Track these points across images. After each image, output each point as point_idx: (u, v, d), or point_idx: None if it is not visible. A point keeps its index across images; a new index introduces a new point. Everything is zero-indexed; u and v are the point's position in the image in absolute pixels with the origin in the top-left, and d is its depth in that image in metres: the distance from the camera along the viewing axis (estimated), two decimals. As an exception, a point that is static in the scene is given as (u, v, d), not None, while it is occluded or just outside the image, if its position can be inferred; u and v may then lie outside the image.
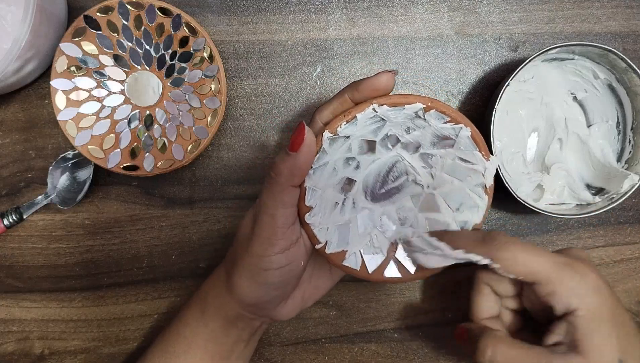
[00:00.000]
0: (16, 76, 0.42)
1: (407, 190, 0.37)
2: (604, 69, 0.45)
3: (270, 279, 0.35)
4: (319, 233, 0.35)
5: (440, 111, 0.33)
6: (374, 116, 0.33)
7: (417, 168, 0.36)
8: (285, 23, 0.47)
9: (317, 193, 0.34)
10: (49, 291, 0.47)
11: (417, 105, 0.32)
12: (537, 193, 0.46)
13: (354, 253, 0.36)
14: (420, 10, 0.48)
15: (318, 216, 0.35)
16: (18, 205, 0.46)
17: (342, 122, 0.32)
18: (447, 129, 0.34)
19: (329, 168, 0.34)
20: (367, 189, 0.36)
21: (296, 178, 0.33)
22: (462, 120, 0.33)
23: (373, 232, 0.37)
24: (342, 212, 0.36)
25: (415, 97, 0.32)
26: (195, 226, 0.47)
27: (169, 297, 0.48)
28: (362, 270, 0.36)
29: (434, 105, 0.32)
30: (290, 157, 0.32)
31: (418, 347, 0.48)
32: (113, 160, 0.44)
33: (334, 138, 0.33)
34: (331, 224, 0.36)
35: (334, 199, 0.35)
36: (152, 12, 0.44)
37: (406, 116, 0.33)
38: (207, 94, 0.45)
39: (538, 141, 0.47)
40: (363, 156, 0.35)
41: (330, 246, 0.36)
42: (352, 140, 0.34)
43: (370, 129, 0.34)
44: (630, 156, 0.45)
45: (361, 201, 0.36)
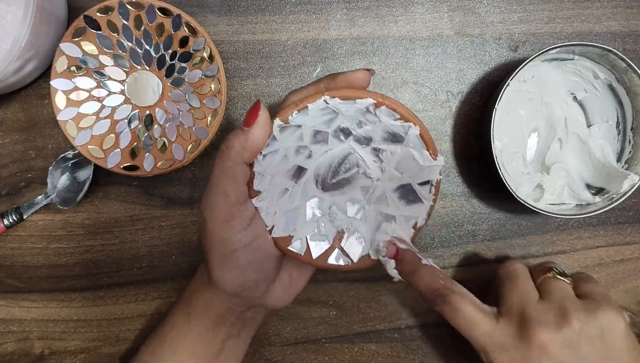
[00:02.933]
0: (16, 76, 0.42)
1: (357, 182, 0.37)
2: (604, 69, 0.45)
3: (241, 259, 0.35)
4: (266, 217, 0.36)
5: (391, 108, 0.33)
6: (326, 107, 0.33)
7: (368, 161, 0.36)
8: (285, 23, 0.47)
9: (266, 178, 0.35)
10: (49, 291, 0.47)
11: (367, 100, 0.33)
12: (537, 193, 0.46)
13: (299, 239, 0.37)
14: (420, 10, 0.48)
15: (266, 201, 0.36)
16: (18, 205, 0.46)
17: (293, 110, 0.33)
18: (396, 126, 0.34)
19: (279, 154, 0.35)
20: (319, 178, 0.37)
21: (247, 153, 0.33)
22: (412, 118, 0.34)
23: (321, 220, 0.37)
24: (291, 198, 0.36)
25: (366, 92, 0.33)
26: (195, 226, 0.47)
27: (169, 297, 0.48)
28: (306, 255, 0.37)
29: (385, 101, 0.33)
30: (243, 132, 0.32)
31: (418, 347, 0.48)
32: (113, 160, 0.44)
33: (284, 126, 0.34)
34: (279, 210, 0.36)
35: (284, 186, 0.36)
36: (152, 12, 0.44)
37: (357, 111, 0.34)
38: (207, 94, 0.45)
39: (538, 141, 0.47)
40: (315, 146, 0.35)
41: (276, 231, 0.36)
42: (304, 129, 0.34)
43: (323, 120, 0.34)
44: (630, 156, 0.45)
45: (311, 190, 0.37)
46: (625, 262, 0.49)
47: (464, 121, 0.48)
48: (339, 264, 0.38)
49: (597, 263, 0.48)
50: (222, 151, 0.33)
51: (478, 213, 0.48)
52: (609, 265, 0.48)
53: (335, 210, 0.38)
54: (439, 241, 0.48)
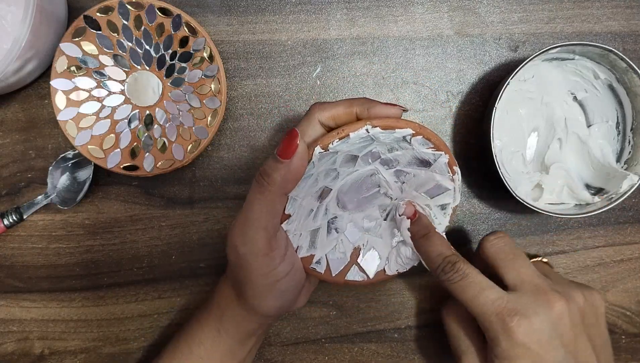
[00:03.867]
0: (16, 76, 0.42)
1: (377, 201, 0.39)
2: (604, 69, 0.45)
3: (284, 287, 0.36)
4: (293, 239, 0.37)
5: (427, 138, 0.34)
6: (366, 136, 0.34)
7: (390, 182, 0.37)
8: (285, 23, 0.47)
9: (297, 201, 0.35)
10: (49, 291, 0.47)
11: (407, 130, 0.34)
12: (536, 193, 0.46)
13: (321, 257, 0.38)
14: (420, 10, 0.48)
15: (294, 223, 0.36)
16: (18, 205, 0.46)
17: (335, 139, 0.33)
18: (428, 154, 0.36)
19: (312, 178, 0.35)
20: (340, 198, 0.38)
21: (289, 185, 0.33)
22: (444, 148, 0.35)
23: (339, 237, 0.39)
24: (314, 218, 0.37)
25: (407, 122, 0.34)
26: (195, 226, 0.47)
27: (169, 297, 0.48)
28: (326, 273, 0.38)
29: (422, 132, 0.34)
30: (283, 165, 0.32)
31: (418, 347, 0.48)
32: (113, 160, 0.44)
33: (324, 153, 0.33)
34: (304, 231, 0.37)
35: (310, 207, 0.37)
36: (152, 12, 0.44)
37: (394, 139, 0.35)
38: (207, 94, 0.45)
39: (538, 141, 0.47)
40: (343, 168, 0.36)
41: (301, 251, 0.37)
42: (339, 155, 0.35)
43: (358, 147, 0.35)
44: (630, 157, 0.45)
45: (332, 208, 0.38)
46: (625, 262, 0.49)
47: (464, 121, 0.48)
48: (355, 280, 0.39)
49: (597, 263, 0.48)
50: (263, 186, 0.32)
51: (478, 213, 0.48)
52: (609, 265, 0.48)
53: (352, 227, 0.39)
54: (439, 241, 0.48)
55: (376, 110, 0.34)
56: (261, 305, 0.36)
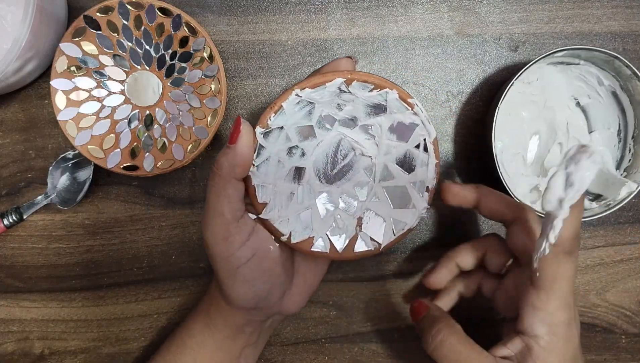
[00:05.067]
0: (16, 76, 0.42)
1: (358, 165, 0.37)
2: (608, 76, 0.44)
3: (247, 274, 0.35)
4: (280, 226, 0.36)
5: (362, 80, 0.34)
6: (300, 101, 0.34)
7: (361, 141, 0.36)
8: (285, 23, 0.47)
9: (268, 188, 0.35)
10: (49, 291, 0.47)
11: (337, 80, 0.33)
12: (535, 195, 0.46)
13: (320, 237, 0.37)
14: (420, 10, 0.48)
15: (275, 210, 0.36)
16: (18, 205, 0.46)
17: (270, 114, 0.33)
18: (374, 96, 0.35)
19: (272, 161, 0.35)
20: (320, 173, 0.37)
21: (238, 169, 0.33)
22: (387, 84, 0.34)
23: (336, 213, 0.37)
24: (300, 201, 0.36)
25: (333, 73, 0.33)
26: (195, 226, 0.47)
27: (169, 297, 0.48)
28: (332, 251, 0.37)
29: (354, 76, 0.33)
30: (229, 150, 0.33)
31: (418, 347, 0.48)
32: (113, 160, 0.44)
33: (267, 131, 0.34)
34: (291, 215, 0.36)
35: (288, 191, 0.36)
36: (152, 12, 0.44)
37: (331, 94, 0.34)
38: (207, 94, 0.45)
39: (539, 144, 0.47)
40: (305, 143, 0.36)
41: (295, 236, 0.36)
42: (288, 129, 0.35)
43: (302, 115, 0.35)
44: (630, 165, 0.45)
45: (317, 186, 0.37)
46: (625, 262, 0.49)
47: (464, 121, 0.48)
48: (368, 250, 0.37)
49: (597, 263, 0.48)
50: (213, 172, 0.34)
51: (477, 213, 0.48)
52: (609, 265, 0.48)
53: (347, 198, 0.37)
54: (437, 241, 0.48)
55: (325, 69, 0.35)
56: (231, 293, 0.36)
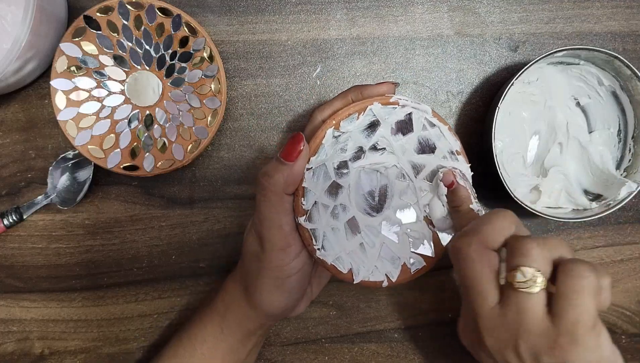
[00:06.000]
0: (16, 76, 0.42)
1: (394, 190, 0.38)
2: (608, 76, 0.44)
3: (293, 285, 0.36)
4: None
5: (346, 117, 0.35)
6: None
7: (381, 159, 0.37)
8: (285, 23, 0.47)
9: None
10: (49, 291, 0.47)
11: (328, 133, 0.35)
12: (534, 195, 0.46)
13: (410, 258, 0.38)
14: (420, 10, 0.48)
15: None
16: (18, 205, 0.46)
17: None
18: (363, 120, 0.36)
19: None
20: (367, 211, 0.37)
21: (291, 187, 0.34)
22: (365, 103, 0.35)
23: (405, 228, 0.38)
24: (372, 246, 0.37)
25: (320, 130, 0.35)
26: (195, 226, 0.47)
27: (169, 297, 0.48)
28: (427, 260, 0.38)
29: (337, 120, 0.35)
30: (286, 167, 0.33)
31: (418, 347, 0.48)
32: (113, 160, 0.44)
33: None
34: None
35: (356, 244, 0.37)
36: (152, 12, 0.44)
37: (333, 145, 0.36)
38: (207, 94, 0.45)
39: (539, 144, 0.47)
40: (342, 180, 0.36)
41: (393, 276, 0.37)
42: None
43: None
44: (630, 165, 0.45)
45: (371, 221, 0.37)
46: (625, 262, 0.48)
47: (464, 121, 0.48)
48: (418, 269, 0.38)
49: (597, 263, 0.48)
50: (265, 186, 0.34)
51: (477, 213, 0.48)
52: (609, 265, 0.48)
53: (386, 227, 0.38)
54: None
55: (368, 91, 0.35)
56: (268, 300, 0.37)
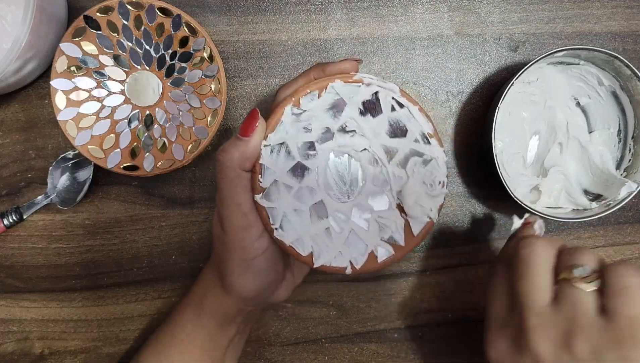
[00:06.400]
0: (16, 76, 0.42)
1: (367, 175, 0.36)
2: (608, 76, 0.44)
3: (261, 265, 0.36)
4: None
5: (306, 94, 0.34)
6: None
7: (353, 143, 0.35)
8: (285, 23, 0.47)
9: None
10: (49, 291, 0.47)
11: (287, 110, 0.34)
12: (534, 195, 0.46)
13: (378, 247, 0.36)
14: (420, 10, 0.48)
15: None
16: (18, 205, 0.46)
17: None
18: (329, 98, 0.35)
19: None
20: (337, 196, 0.36)
21: (247, 163, 0.33)
22: (327, 81, 0.34)
23: (375, 215, 0.36)
24: (339, 231, 0.36)
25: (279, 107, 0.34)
26: (195, 226, 0.47)
27: (169, 297, 0.48)
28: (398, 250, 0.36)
29: (297, 98, 0.34)
30: (242, 142, 0.33)
31: (418, 347, 0.48)
32: (113, 160, 0.44)
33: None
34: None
35: (322, 228, 0.35)
36: (152, 12, 0.44)
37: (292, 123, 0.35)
38: (207, 94, 0.45)
39: (539, 144, 0.47)
40: (308, 161, 0.35)
41: (358, 263, 0.36)
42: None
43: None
44: (630, 165, 0.45)
45: (330, 205, 0.36)
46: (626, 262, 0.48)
47: (464, 121, 0.48)
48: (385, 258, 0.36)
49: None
50: (222, 162, 0.33)
51: (477, 213, 0.48)
52: (609, 265, 0.48)
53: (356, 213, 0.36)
54: (438, 240, 0.48)
55: (330, 68, 0.35)
56: (239, 282, 0.36)
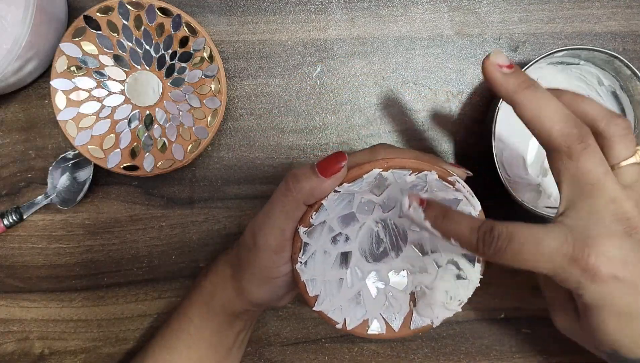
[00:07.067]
0: (16, 76, 0.42)
1: (405, 240, 0.37)
2: (608, 76, 0.44)
3: (278, 285, 0.37)
4: (334, 315, 0.36)
5: (399, 167, 0.33)
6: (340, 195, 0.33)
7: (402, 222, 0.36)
8: (285, 23, 0.47)
9: (318, 280, 0.35)
10: (49, 291, 0.47)
11: (373, 172, 0.32)
12: (534, 195, 0.46)
13: (375, 318, 0.36)
14: (420, 10, 0.48)
15: (327, 300, 0.35)
16: (18, 205, 0.46)
17: (311, 213, 0.33)
18: (413, 180, 0.34)
19: (318, 254, 0.35)
20: (366, 254, 0.37)
21: (312, 200, 0.33)
22: (424, 166, 0.33)
23: (387, 290, 0.37)
24: (350, 285, 0.36)
25: (370, 164, 0.32)
26: (195, 226, 0.47)
27: (169, 297, 0.48)
28: (388, 330, 0.36)
29: (391, 164, 0.32)
30: (318, 179, 0.32)
31: (418, 347, 0.48)
32: (113, 160, 0.44)
33: (309, 229, 0.33)
34: (343, 302, 0.36)
35: (337, 277, 0.36)
36: (152, 12, 0.44)
37: (369, 184, 0.33)
38: (207, 94, 0.45)
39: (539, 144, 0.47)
40: (348, 229, 0.35)
41: (350, 323, 0.36)
42: (330, 222, 0.34)
43: (342, 206, 0.34)
44: None
45: (365, 266, 0.36)
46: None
47: (464, 121, 0.48)
48: (424, 325, 0.36)
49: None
50: (290, 188, 0.33)
51: (478, 213, 0.48)
52: (609, 265, 0.48)
53: (393, 275, 0.37)
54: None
55: (440, 164, 0.34)
56: (253, 292, 0.37)
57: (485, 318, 0.44)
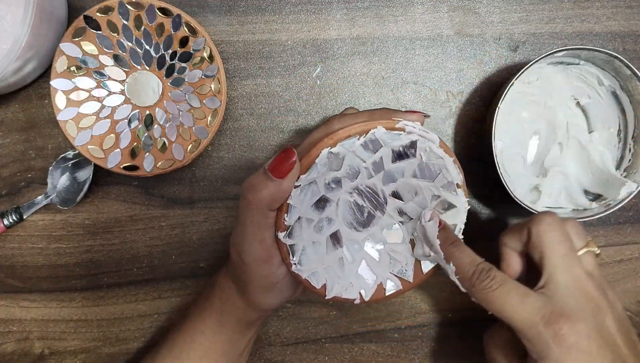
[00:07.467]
0: (16, 76, 0.42)
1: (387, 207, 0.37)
2: (608, 76, 0.44)
3: (283, 286, 0.37)
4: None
5: (346, 137, 0.33)
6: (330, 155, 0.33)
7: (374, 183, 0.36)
8: (285, 23, 0.47)
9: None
10: (49, 291, 0.47)
11: (323, 153, 0.32)
12: (534, 195, 0.46)
13: (388, 280, 0.37)
14: (420, 10, 0.48)
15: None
16: (18, 205, 0.46)
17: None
18: (363, 142, 0.33)
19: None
20: (353, 225, 0.37)
21: (276, 204, 0.32)
22: (370, 126, 0.33)
23: (388, 249, 0.37)
24: (351, 261, 0.37)
25: (316, 148, 0.32)
26: (195, 226, 0.47)
27: (169, 297, 0.48)
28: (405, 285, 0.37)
29: (336, 139, 0.32)
30: (274, 183, 0.31)
31: (418, 347, 0.48)
32: (113, 160, 0.44)
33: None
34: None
35: (336, 258, 0.36)
36: (152, 12, 0.44)
37: (324, 165, 0.33)
38: (207, 94, 0.45)
39: (538, 144, 0.47)
40: (325, 212, 0.35)
41: (367, 295, 0.36)
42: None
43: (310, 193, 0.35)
44: (630, 165, 0.45)
45: (357, 236, 0.37)
46: (625, 262, 0.48)
47: (464, 121, 0.48)
48: (394, 292, 0.37)
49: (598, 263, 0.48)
50: (250, 201, 0.32)
51: (477, 213, 0.48)
52: (609, 265, 0.48)
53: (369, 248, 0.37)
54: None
55: (397, 115, 0.34)
56: (262, 301, 0.38)
57: (485, 319, 0.44)
